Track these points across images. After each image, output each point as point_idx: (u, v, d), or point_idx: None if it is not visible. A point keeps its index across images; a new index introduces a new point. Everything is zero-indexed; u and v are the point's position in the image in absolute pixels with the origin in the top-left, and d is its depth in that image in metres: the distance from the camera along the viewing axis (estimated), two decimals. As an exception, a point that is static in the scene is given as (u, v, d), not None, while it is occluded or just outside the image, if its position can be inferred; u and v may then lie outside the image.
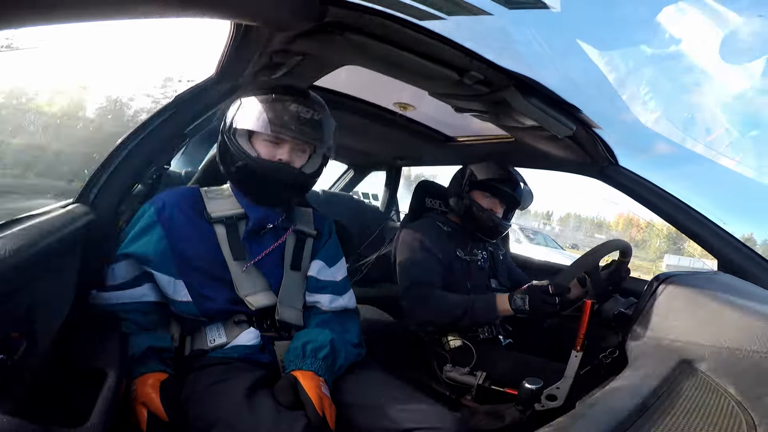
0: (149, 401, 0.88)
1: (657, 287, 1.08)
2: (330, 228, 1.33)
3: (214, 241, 1.12)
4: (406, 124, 1.97)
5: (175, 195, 1.14)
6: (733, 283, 1.22)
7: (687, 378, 0.79)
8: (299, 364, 0.99)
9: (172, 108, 1.23)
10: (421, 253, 1.61)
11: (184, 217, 1.11)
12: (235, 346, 1.06)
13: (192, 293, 1.07)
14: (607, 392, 0.77)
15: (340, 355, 1.06)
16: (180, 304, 1.07)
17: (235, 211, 1.16)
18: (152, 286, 1.07)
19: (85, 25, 0.53)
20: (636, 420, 0.64)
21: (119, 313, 1.02)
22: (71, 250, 0.93)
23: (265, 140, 1.11)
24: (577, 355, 1.22)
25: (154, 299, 1.07)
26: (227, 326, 1.09)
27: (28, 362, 0.69)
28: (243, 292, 1.09)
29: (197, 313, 1.07)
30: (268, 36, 0.97)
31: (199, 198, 1.16)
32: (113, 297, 1.03)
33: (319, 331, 1.08)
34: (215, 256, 1.10)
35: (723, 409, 0.69)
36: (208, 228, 1.12)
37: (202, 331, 1.09)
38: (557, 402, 1.21)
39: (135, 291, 1.05)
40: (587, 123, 1.40)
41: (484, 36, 1.06)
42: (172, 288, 1.06)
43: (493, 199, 1.71)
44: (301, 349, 1.02)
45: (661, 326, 0.99)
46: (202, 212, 1.13)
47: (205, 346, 1.07)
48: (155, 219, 1.08)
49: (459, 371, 1.43)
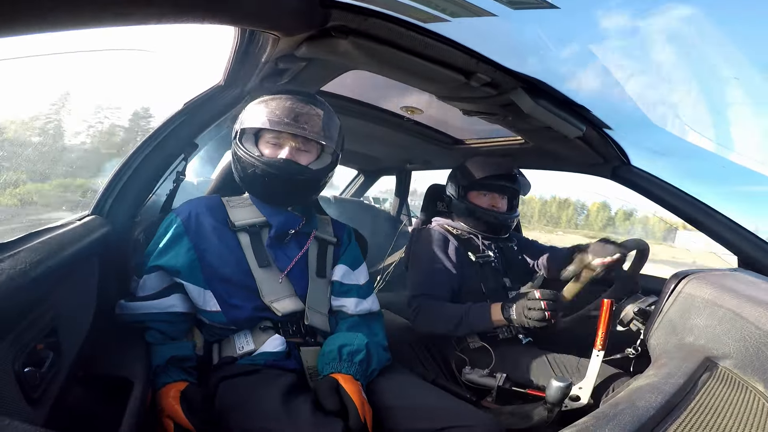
0: (174, 413, 0.89)
1: (677, 285, 1.07)
2: (349, 234, 1.35)
3: (239, 249, 1.13)
4: (414, 128, 1.97)
5: (200, 204, 1.16)
6: (755, 280, 1.20)
7: (712, 375, 0.78)
8: (337, 368, 1.00)
9: (181, 116, 1.25)
10: (429, 265, 1.60)
11: (209, 226, 1.13)
12: (263, 352, 1.07)
13: (220, 302, 1.08)
14: (631, 391, 0.76)
15: (374, 359, 1.07)
16: (209, 314, 1.09)
17: (257, 220, 1.17)
18: (180, 296, 1.09)
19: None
20: (662, 419, 0.63)
21: (146, 322, 1.04)
22: (89, 262, 0.95)
23: (269, 141, 1.12)
24: (599, 354, 1.20)
25: (182, 310, 1.09)
26: (254, 333, 1.10)
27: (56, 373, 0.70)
28: (269, 299, 1.10)
29: (225, 321, 1.08)
30: (273, 42, 0.98)
31: (222, 207, 1.18)
32: (142, 307, 1.05)
33: (354, 335, 1.09)
34: (240, 264, 1.12)
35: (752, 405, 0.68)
36: (232, 237, 1.14)
37: (231, 339, 1.10)
38: (581, 402, 1.20)
39: (163, 301, 1.07)
40: (597, 123, 1.38)
41: (489, 38, 1.05)
42: (202, 298, 1.08)
43: (491, 195, 1.67)
44: (338, 353, 1.03)
45: (683, 324, 0.98)
46: (225, 221, 1.15)
47: (234, 354, 1.08)
48: (183, 230, 1.10)
49: (478, 373, 1.42)
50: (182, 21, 0.64)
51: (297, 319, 1.14)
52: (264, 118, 1.09)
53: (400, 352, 1.51)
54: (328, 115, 1.15)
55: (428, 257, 1.61)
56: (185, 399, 0.92)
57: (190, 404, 0.92)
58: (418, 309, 1.53)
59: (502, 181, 1.66)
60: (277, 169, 1.10)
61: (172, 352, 1.00)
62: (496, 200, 1.68)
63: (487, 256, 1.69)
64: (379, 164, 3.26)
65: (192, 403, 0.92)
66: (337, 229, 1.33)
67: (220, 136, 1.45)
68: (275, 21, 0.88)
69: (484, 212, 1.66)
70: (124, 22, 0.57)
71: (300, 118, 1.09)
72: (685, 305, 1.00)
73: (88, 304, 0.92)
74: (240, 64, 1.15)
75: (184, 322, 1.10)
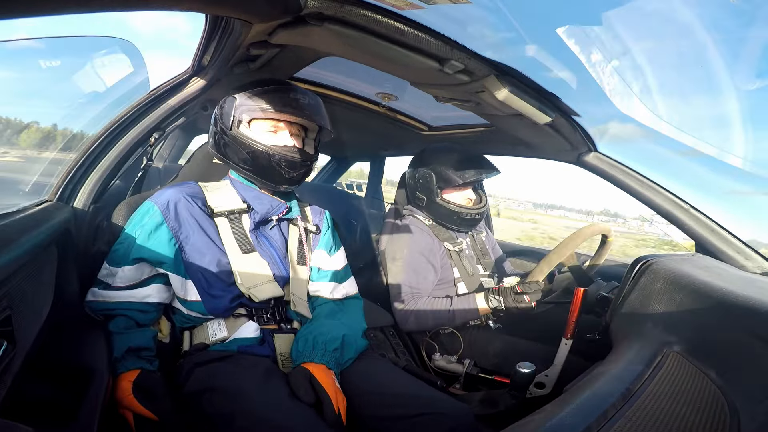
0: (129, 404, 0.87)
1: (637, 271, 1.09)
2: (328, 220, 1.36)
3: (218, 235, 1.12)
4: (389, 114, 1.96)
5: (178, 192, 1.13)
6: (711, 265, 1.24)
7: (669, 362, 0.80)
8: (310, 357, 1.00)
9: (147, 102, 1.21)
10: (413, 262, 1.61)
11: (188, 213, 1.11)
12: (236, 339, 1.06)
13: (201, 292, 1.07)
14: (592, 378, 0.78)
15: (351, 348, 1.08)
16: (189, 303, 1.08)
17: (236, 205, 1.16)
18: (157, 287, 1.07)
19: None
20: (621, 406, 0.65)
21: (118, 311, 1.02)
22: (48, 249, 0.91)
23: (267, 129, 1.13)
24: (567, 342, 1.24)
25: (157, 300, 1.07)
26: (228, 320, 1.10)
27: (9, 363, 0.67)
28: (246, 285, 1.09)
29: (205, 311, 1.07)
30: (245, 28, 0.95)
31: (199, 193, 1.16)
32: (118, 296, 1.03)
33: (331, 325, 1.10)
34: (219, 250, 1.10)
35: (705, 393, 0.70)
36: (211, 223, 1.13)
37: (204, 326, 1.09)
38: (545, 390, 1.23)
39: (140, 291, 1.05)
40: (566, 111, 1.41)
41: (464, 25, 1.06)
42: (184, 288, 1.07)
43: (464, 188, 1.71)
44: (312, 341, 1.03)
45: (642, 310, 1.00)
46: (204, 207, 1.14)
47: (207, 341, 1.07)
48: (161, 219, 1.08)
49: (447, 359, 1.45)
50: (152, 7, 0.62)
51: (273, 306, 1.14)
52: (272, 108, 1.10)
53: (373, 337, 1.55)
54: (319, 103, 1.18)
55: (410, 254, 1.62)
56: (138, 387, 0.90)
57: (145, 392, 0.89)
58: (406, 309, 1.55)
59: (477, 172, 1.68)
60: (289, 153, 1.11)
61: (129, 343, 0.98)
62: (469, 193, 1.72)
63: (460, 243, 1.73)
64: (353, 150, 3.25)
65: (148, 391, 0.90)
66: (316, 215, 1.34)
67: (187, 122, 1.40)
68: (249, 7, 0.85)
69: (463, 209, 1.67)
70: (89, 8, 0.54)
71: (304, 107, 1.12)
72: (645, 291, 1.02)
73: (46, 292, 0.89)
74: (210, 50, 1.12)
75: (156, 311, 1.09)
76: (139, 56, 1.16)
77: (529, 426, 0.63)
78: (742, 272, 1.30)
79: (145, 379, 0.92)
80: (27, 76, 1.21)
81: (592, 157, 1.68)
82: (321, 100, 1.19)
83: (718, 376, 0.73)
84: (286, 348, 1.09)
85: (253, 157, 1.11)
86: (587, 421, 0.60)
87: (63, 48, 1.17)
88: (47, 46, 1.13)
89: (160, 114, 1.25)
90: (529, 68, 1.21)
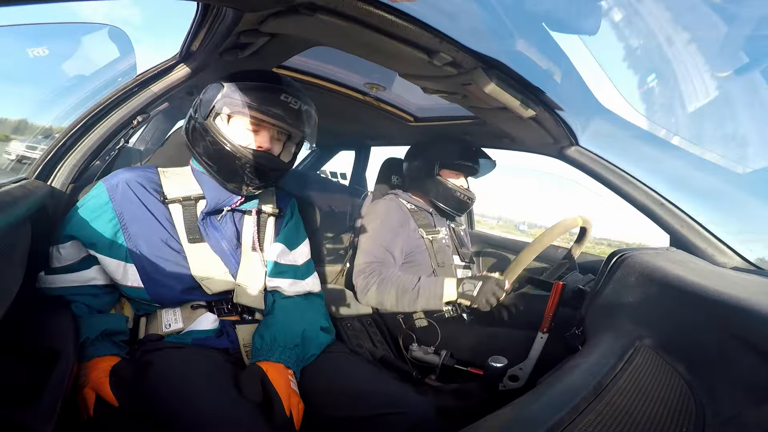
0: (99, 386, 0.85)
1: (613, 264, 1.10)
2: (292, 208, 1.31)
3: (169, 221, 1.08)
4: (376, 104, 1.96)
5: (130, 174, 1.10)
6: (685, 259, 1.26)
7: (641, 356, 0.81)
8: (266, 355, 0.97)
9: (133, 86, 1.19)
10: (383, 233, 1.63)
11: (139, 196, 1.07)
12: (191, 331, 1.03)
13: (144, 278, 1.03)
14: (566, 371, 0.79)
15: (312, 345, 1.05)
16: (130, 289, 1.03)
17: (192, 192, 1.12)
18: (100, 268, 1.03)
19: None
20: (592, 400, 0.66)
21: (67, 296, 0.99)
22: (22, 227, 0.89)
23: (246, 127, 1.08)
24: (543, 336, 1.24)
25: (104, 282, 1.03)
26: (183, 311, 1.06)
27: None
28: (200, 276, 1.06)
29: (149, 298, 1.04)
30: (236, 16, 0.94)
31: (155, 177, 1.13)
32: (61, 280, 1.00)
33: (291, 320, 1.06)
34: (169, 237, 1.07)
35: (674, 387, 0.71)
36: (163, 209, 1.09)
37: (158, 315, 1.05)
38: (519, 383, 1.24)
39: (82, 274, 1.01)
40: (550, 105, 1.44)
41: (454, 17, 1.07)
42: (121, 273, 1.03)
43: (458, 173, 1.78)
44: (270, 339, 1.00)
45: (616, 303, 1.01)
46: (157, 192, 1.10)
47: (160, 331, 1.03)
48: (107, 198, 1.04)
49: (424, 350, 1.46)
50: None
51: (231, 297, 1.11)
52: (256, 107, 1.05)
53: (350, 327, 1.55)
54: (314, 112, 1.13)
55: (382, 225, 1.64)
56: (114, 374, 0.88)
57: (118, 380, 0.87)
58: (369, 279, 1.55)
59: (474, 163, 1.76)
60: (257, 158, 1.07)
61: (105, 326, 0.96)
62: (463, 181, 1.78)
63: (437, 231, 1.77)
64: (338, 139, 3.24)
65: (121, 380, 0.88)
66: (281, 200, 1.29)
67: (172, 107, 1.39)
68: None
69: (456, 191, 1.74)
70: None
71: (291, 113, 1.07)
72: (620, 284, 1.03)
73: (16, 269, 0.87)
74: (200, 37, 1.10)
75: (108, 294, 1.05)
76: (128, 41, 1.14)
77: (501, 419, 0.63)
78: (714, 267, 1.33)
79: (123, 368, 0.90)
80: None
81: (573, 150, 1.71)
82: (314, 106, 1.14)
83: (686, 370, 0.75)
84: (250, 338, 1.05)
85: (218, 155, 1.07)
86: (558, 414, 0.60)
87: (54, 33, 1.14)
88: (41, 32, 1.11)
89: (144, 98, 1.23)
90: (516, 62, 1.23)
